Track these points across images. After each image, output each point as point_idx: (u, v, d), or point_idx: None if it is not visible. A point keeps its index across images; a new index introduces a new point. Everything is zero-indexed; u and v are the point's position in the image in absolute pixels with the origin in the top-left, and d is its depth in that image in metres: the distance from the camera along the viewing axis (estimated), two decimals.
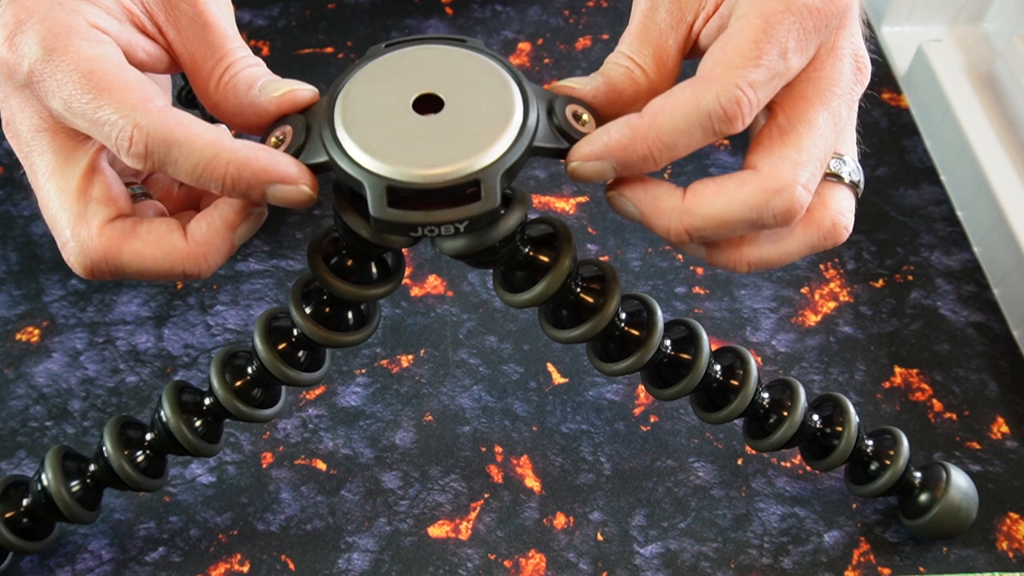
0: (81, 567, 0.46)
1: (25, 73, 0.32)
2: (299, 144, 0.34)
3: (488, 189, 0.32)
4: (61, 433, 0.50)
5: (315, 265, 0.37)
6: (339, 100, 0.34)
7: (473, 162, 0.32)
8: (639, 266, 0.57)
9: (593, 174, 0.34)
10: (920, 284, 0.57)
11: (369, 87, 0.34)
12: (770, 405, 0.44)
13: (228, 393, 0.41)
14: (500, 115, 0.33)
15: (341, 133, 0.33)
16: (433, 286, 0.56)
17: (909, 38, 0.67)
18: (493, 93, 0.34)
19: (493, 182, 0.32)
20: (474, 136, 0.33)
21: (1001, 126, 0.60)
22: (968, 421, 0.52)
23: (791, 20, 0.33)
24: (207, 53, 0.35)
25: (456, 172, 0.32)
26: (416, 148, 0.32)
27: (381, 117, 0.33)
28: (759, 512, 0.48)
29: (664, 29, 0.35)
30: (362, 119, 0.33)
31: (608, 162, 0.33)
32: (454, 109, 0.33)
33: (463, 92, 0.34)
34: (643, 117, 0.33)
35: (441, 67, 0.35)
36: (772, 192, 0.33)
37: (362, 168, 0.32)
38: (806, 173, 0.33)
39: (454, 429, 0.51)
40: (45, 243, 0.56)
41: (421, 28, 0.68)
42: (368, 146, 0.32)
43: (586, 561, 0.47)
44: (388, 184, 0.32)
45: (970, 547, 0.48)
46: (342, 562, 0.46)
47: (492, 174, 0.32)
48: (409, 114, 0.33)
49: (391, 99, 0.34)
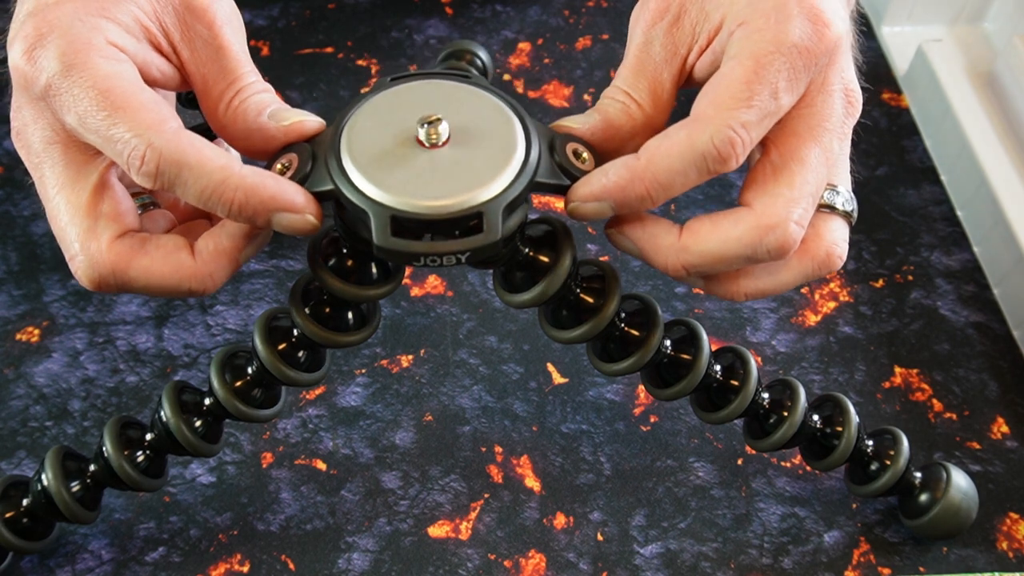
0: (81, 567, 0.46)
1: (42, 86, 0.33)
2: (304, 172, 0.34)
3: (490, 222, 0.33)
4: (61, 433, 0.50)
5: (315, 266, 0.37)
6: (345, 131, 0.35)
7: (476, 195, 0.33)
8: (639, 266, 0.57)
9: (591, 214, 0.35)
10: (920, 284, 0.57)
11: (374, 119, 0.35)
12: (770, 405, 0.44)
13: (228, 393, 0.41)
14: (503, 150, 0.34)
15: (347, 163, 0.34)
16: (433, 286, 0.56)
17: (909, 38, 0.67)
18: (496, 128, 0.35)
19: (495, 215, 0.33)
20: (477, 170, 0.34)
21: (1001, 126, 0.60)
22: (968, 421, 0.52)
23: (781, 60, 0.33)
24: (219, 75, 0.35)
25: (459, 204, 0.33)
26: (420, 180, 0.33)
27: (386, 149, 0.34)
28: (759, 512, 0.48)
29: (659, 63, 0.36)
30: (367, 150, 0.34)
31: (606, 203, 0.35)
32: (458, 143, 0.34)
33: (467, 127, 0.35)
34: (639, 159, 0.34)
35: (445, 102, 0.35)
36: (766, 229, 0.34)
37: (367, 198, 0.33)
38: (799, 210, 0.34)
39: (454, 429, 0.51)
40: (45, 243, 0.56)
41: (421, 28, 0.68)
42: (373, 177, 0.33)
43: (586, 561, 0.47)
44: (392, 214, 0.33)
45: (970, 547, 0.48)
46: (342, 562, 0.46)
47: (495, 207, 0.33)
48: (414, 147, 0.34)
49: (396, 132, 0.34)
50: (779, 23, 0.34)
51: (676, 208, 0.59)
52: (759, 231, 0.34)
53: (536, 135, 0.35)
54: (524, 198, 0.34)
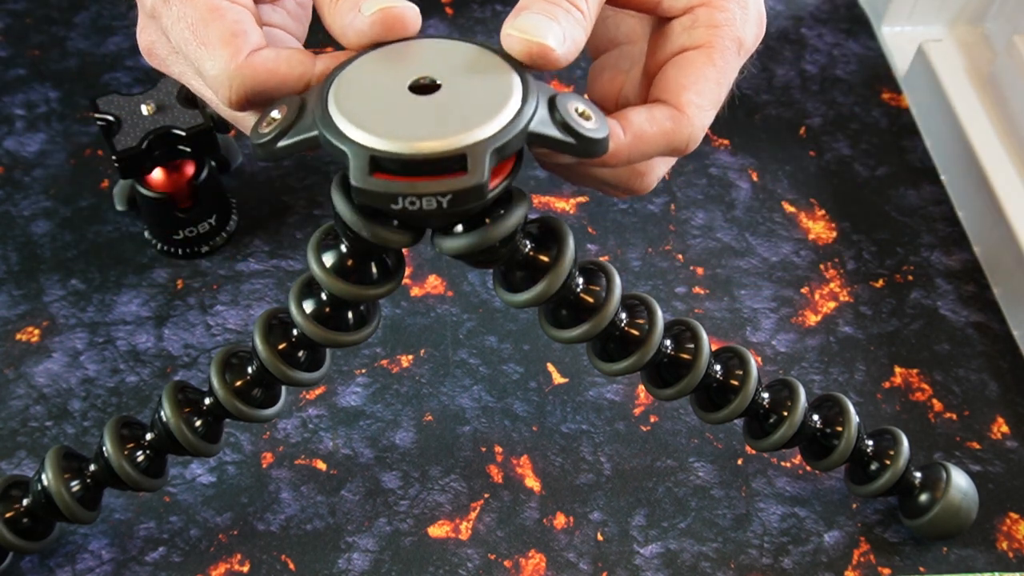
0: (81, 567, 0.46)
1: (150, 7, 0.36)
2: (290, 121, 0.34)
3: (475, 163, 0.32)
4: (61, 433, 0.50)
5: (315, 265, 0.37)
6: (336, 80, 0.34)
7: (462, 137, 0.32)
8: (639, 266, 0.57)
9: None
10: (920, 284, 0.57)
11: (367, 70, 0.34)
12: (770, 405, 0.44)
13: (228, 393, 0.41)
14: (496, 99, 0.33)
15: (332, 109, 0.33)
16: (433, 286, 0.56)
17: (909, 38, 0.67)
18: (492, 80, 0.34)
19: (481, 157, 0.32)
20: (466, 115, 0.32)
21: (1001, 126, 0.60)
22: (968, 421, 0.52)
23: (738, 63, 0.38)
24: None
25: (443, 145, 0.32)
26: (406, 123, 0.32)
27: (375, 96, 0.33)
28: (759, 512, 0.48)
29: None
30: (355, 97, 0.33)
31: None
32: (450, 92, 0.33)
33: (462, 78, 0.34)
34: (626, 136, 0.36)
35: (443, 56, 0.35)
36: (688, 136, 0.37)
37: (346, 138, 0.32)
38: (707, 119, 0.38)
39: (454, 429, 0.51)
40: (45, 243, 0.56)
41: (421, 28, 0.67)
42: (356, 119, 0.32)
43: (586, 561, 0.47)
44: (371, 154, 0.32)
45: (970, 547, 0.48)
46: (342, 562, 0.46)
47: (480, 149, 0.32)
48: (404, 94, 0.33)
49: (388, 81, 0.34)
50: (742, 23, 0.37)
51: (676, 208, 0.59)
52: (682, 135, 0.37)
53: (536, 89, 0.34)
54: (513, 146, 0.33)
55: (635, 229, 0.58)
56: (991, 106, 0.61)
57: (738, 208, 0.60)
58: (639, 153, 0.36)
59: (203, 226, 0.55)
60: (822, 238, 0.59)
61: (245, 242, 0.57)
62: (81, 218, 0.57)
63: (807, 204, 0.60)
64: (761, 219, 0.59)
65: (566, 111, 0.34)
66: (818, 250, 0.58)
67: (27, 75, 0.64)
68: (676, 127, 0.36)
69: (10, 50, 0.65)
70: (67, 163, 0.60)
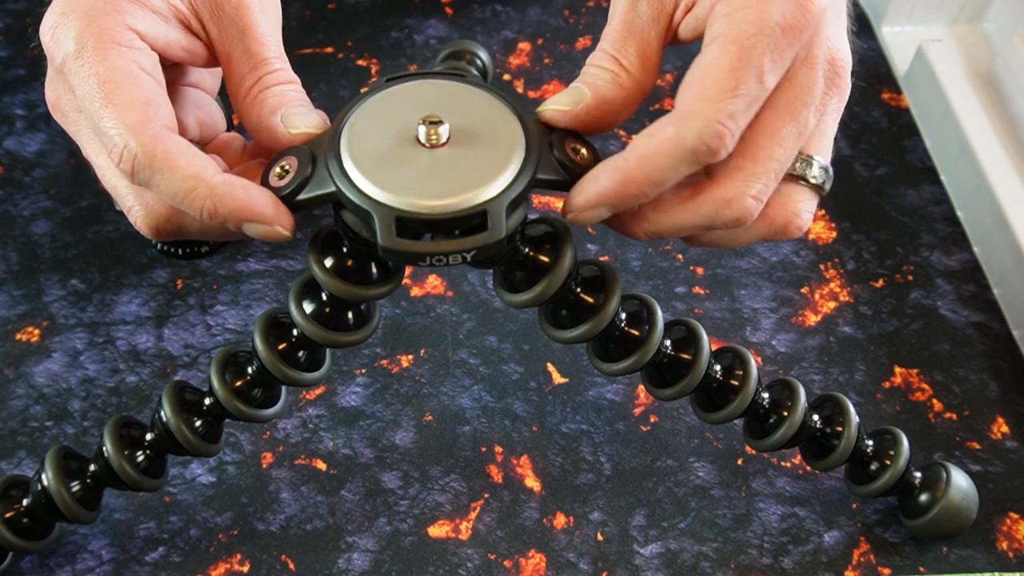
0: (81, 567, 0.46)
1: (59, 63, 0.34)
2: (305, 175, 0.34)
3: (494, 220, 0.33)
4: (61, 433, 0.50)
5: (315, 266, 0.37)
6: (344, 132, 0.35)
7: (479, 193, 0.33)
8: (639, 266, 0.57)
9: (590, 219, 0.35)
10: (920, 284, 0.57)
11: (373, 120, 0.35)
12: (770, 405, 0.44)
13: (228, 393, 0.41)
14: (504, 148, 0.34)
15: (348, 164, 0.34)
16: (433, 286, 0.56)
17: (909, 38, 0.67)
18: (496, 127, 0.35)
19: (499, 213, 0.33)
20: (479, 168, 0.34)
21: (1001, 126, 0.60)
22: (968, 421, 0.52)
23: (765, 43, 0.33)
24: (243, 59, 0.36)
25: (463, 203, 0.33)
26: (422, 180, 0.33)
27: (386, 149, 0.34)
28: (759, 512, 0.48)
29: (646, 22, 0.36)
30: (367, 151, 0.34)
31: (603, 207, 0.35)
32: (458, 142, 0.34)
33: (467, 126, 0.35)
34: (628, 159, 0.34)
35: (444, 101, 0.36)
36: (722, 203, 0.34)
37: (370, 199, 0.33)
38: (758, 185, 0.34)
39: (454, 429, 0.51)
40: (45, 243, 0.56)
41: (421, 28, 0.68)
42: (375, 177, 0.33)
43: (586, 561, 0.47)
44: (397, 215, 0.33)
45: (970, 547, 0.48)
46: (342, 562, 0.46)
47: (498, 205, 0.33)
48: (414, 147, 0.34)
49: (396, 132, 0.34)
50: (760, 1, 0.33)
51: None
52: (716, 204, 0.34)
53: (535, 133, 0.35)
54: (526, 195, 0.34)
55: None
56: (991, 106, 0.61)
57: None
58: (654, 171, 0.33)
59: None
60: (822, 238, 0.59)
61: (245, 242, 0.57)
62: (81, 218, 0.57)
63: None
64: None
65: (562, 150, 0.35)
66: (818, 250, 0.58)
67: (27, 75, 0.64)
68: (678, 129, 0.33)
69: (10, 50, 0.65)
70: (67, 163, 0.60)
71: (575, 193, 0.35)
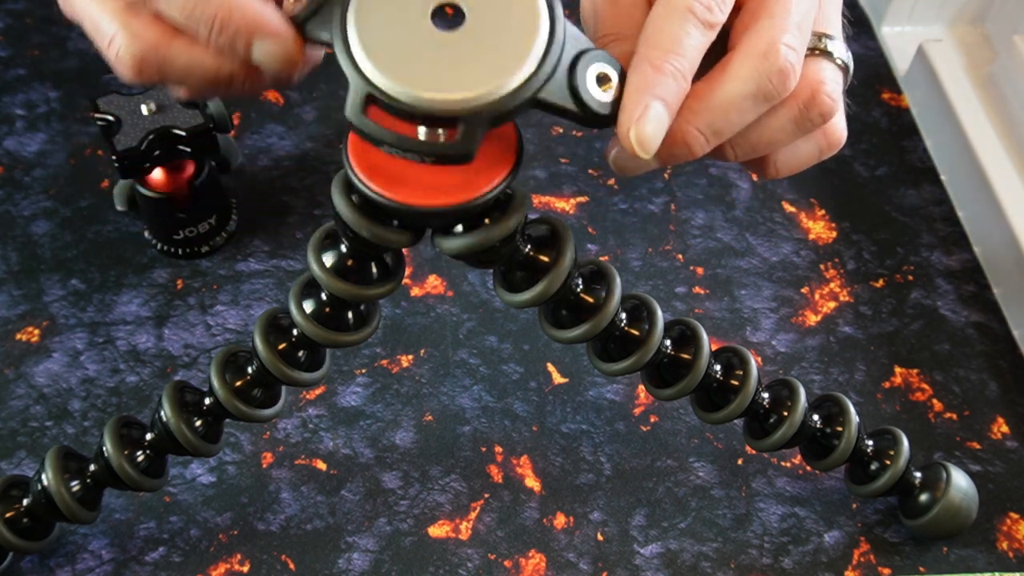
0: (81, 567, 0.46)
1: None
2: (313, 8, 0.32)
3: (467, 132, 0.30)
4: (61, 433, 0.50)
5: (315, 265, 0.37)
6: None
7: (464, 98, 0.30)
8: (639, 266, 0.57)
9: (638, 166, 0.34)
10: (920, 284, 0.57)
11: None
12: (770, 405, 0.44)
13: (228, 393, 0.41)
14: (513, 53, 0.31)
15: (350, 19, 0.31)
16: (433, 286, 0.56)
17: (909, 38, 0.67)
18: (518, 24, 0.31)
19: (474, 126, 0.30)
20: (476, 69, 0.31)
21: (1001, 126, 0.60)
22: (968, 421, 0.52)
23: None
24: None
25: (442, 104, 0.30)
26: (414, 63, 0.31)
27: (395, 18, 0.31)
28: (759, 512, 0.48)
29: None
30: (375, 13, 0.31)
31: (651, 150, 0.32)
32: (471, 30, 0.31)
33: (490, 18, 0.31)
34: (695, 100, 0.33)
35: None
36: (759, 57, 0.33)
37: (354, 64, 0.31)
38: (786, 35, 0.33)
39: (454, 429, 0.51)
40: (45, 243, 0.56)
41: None
42: (368, 43, 0.31)
43: (586, 561, 0.47)
44: (369, 91, 0.30)
45: (970, 547, 0.48)
46: (342, 562, 0.46)
47: (476, 119, 0.30)
48: (423, 21, 0.31)
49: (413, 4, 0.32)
50: None
51: (676, 208, 0.59)
52: (753, 60, 0.33)
53: (560, 43, 0.31)
54: (517, 113, 0.31)
55: (635, 229, 0.58)
56: (991, 106, 0.61)
57: (738, 208, 0.60)
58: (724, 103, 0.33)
59: (203, 226, 0.55)
60: (822, 238, 0.59)
61: (245, 242, 0.57)
62: (81, 218, 0.57)
63: (807, 204, 0.60)
64: (761, 219, 0.59)
65: (584, 76, 0.32)
66: (818, 250, 0.58)
67: (27, 75, 0.64)
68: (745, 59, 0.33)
69: (10, 50, 0.65)
70: (67, 163, 0.60)
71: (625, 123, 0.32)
